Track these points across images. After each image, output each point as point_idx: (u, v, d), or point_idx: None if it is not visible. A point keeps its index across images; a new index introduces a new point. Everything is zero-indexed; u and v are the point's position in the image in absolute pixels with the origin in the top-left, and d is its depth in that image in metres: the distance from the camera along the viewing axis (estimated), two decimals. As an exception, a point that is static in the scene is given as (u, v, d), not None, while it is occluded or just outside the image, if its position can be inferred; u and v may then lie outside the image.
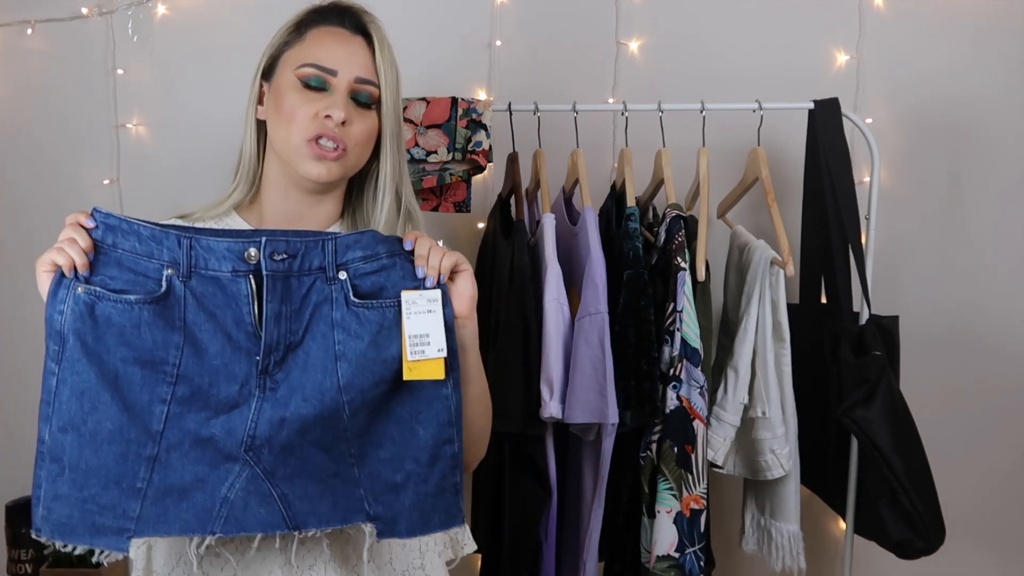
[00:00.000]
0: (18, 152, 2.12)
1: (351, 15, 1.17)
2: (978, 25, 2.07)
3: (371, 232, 1.03)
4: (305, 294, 1.00)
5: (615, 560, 1.82)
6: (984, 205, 2.13)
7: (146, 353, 0.97)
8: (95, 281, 0.98)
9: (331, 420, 0.99)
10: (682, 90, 1.94)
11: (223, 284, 0.99)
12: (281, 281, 0.99)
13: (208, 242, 0.99)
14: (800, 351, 1.77)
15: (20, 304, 2.16)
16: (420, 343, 1.00)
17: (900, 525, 1.68)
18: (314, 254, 1.00)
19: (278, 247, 0.99)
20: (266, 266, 0.99)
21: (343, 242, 1.01)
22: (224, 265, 0.99)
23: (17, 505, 2.14)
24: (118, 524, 0.96)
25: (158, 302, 0.97)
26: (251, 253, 0.98)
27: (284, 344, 0.99)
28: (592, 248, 1.65)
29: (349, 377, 0.99)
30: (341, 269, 1.01)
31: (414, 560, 1.20)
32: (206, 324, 0.98)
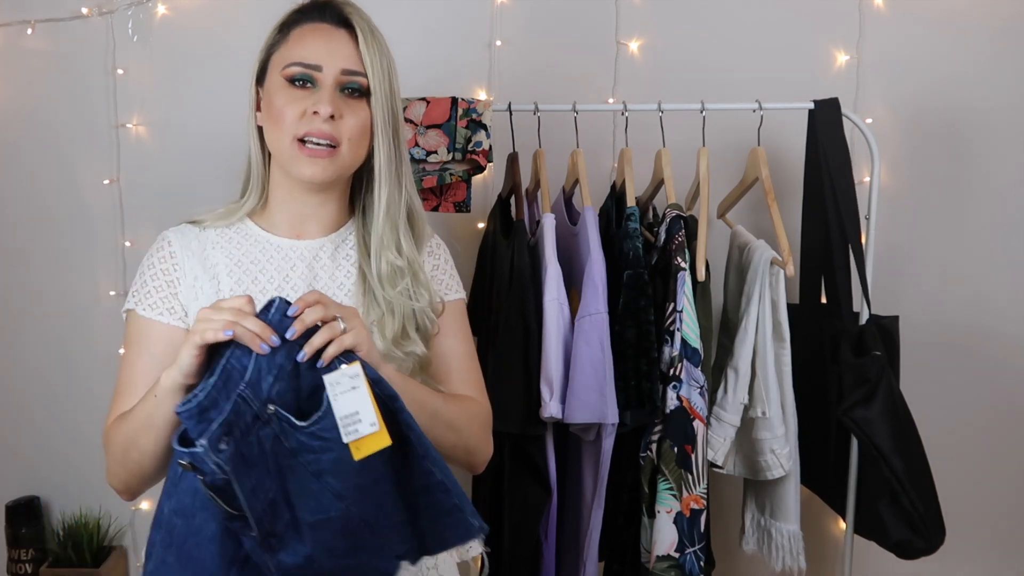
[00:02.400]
0: (18, 152, 2.11)
1: (331, 8, 1.16)
2: (978, 25, 2.07)
3: (255, 356, 0.96)
4: (259, 450, 0.94)
5: (615, 560, 1.82)
6: (984, 205, 2.13)
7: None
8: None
9: (346, 527, 0.99)
10: (682, 90, 1.93)
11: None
12: (238, 460, 0.92)
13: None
14: (800, 351, 1.77)
15: (20, 303, 2.16)
16: (352, 422, 0.96)
17: (900, 525, 1.68)
18: (243, 412, 0.93)
19: (215, 434, 0.90)
20: (222, 462, 0.91)
21: (254, 380, 0.94)
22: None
23: (17, 505, 2.15)
24: None
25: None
26: (184, 463, 0.92)
27: (268, 505, 0.95)
28: (592, 248, 1.65)
29: (342, 484, 0.97)
30: (268, 404, 0.95)
31: (427, 560, 1.22)
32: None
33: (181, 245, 1.19)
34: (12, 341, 2.17)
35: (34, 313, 2.16)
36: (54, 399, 2.18)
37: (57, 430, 2.19)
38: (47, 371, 2.18)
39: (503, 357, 1.66)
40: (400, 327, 1.17)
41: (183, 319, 1.16)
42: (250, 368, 0.95)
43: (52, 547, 2.17)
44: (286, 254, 1.20)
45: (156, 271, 1.17)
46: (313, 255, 1.20)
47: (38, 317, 2.16)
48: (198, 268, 1.17)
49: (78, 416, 2.17)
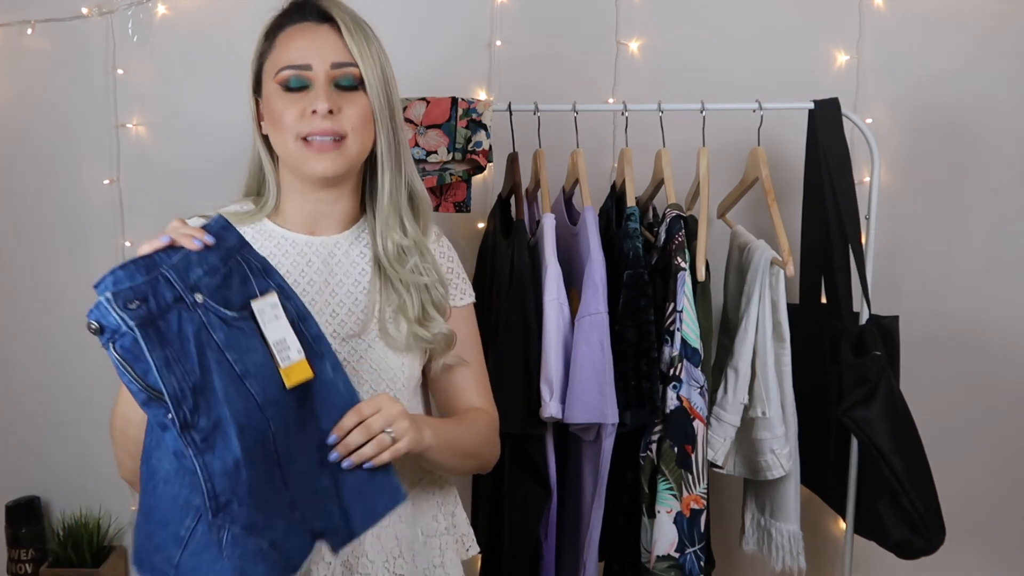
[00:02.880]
0: (18, 152, 2.12)
1: (311, 6, 1.16)
2: (978, 25, 2.07)
3: (191, 252, 0.95)
4: (178, 330, 0.92)
5: (615, 560, 1.82)
6: (984, 205, 2.13)
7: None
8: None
9: (264, 445, 0.95)
10: (682, 90, 1.93)
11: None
12: (150, 326, 0.91)
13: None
14: (800, 351, 1.77)
15: (20, 304, 2.16)
16: (283, 349, 0.97)
17: (900, 525, 1.68)
18: (162, 287, 0.92)
19: (126, 296, 0.90)
20: (129, 318, 0.89)
21: (180, 266, 0.94)
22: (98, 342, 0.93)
23: (17, 505, 2.15)
24: (163, 569, 0.95)
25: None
26: (90, 324, 0.90)
27: (188, 388, 0.92)
28: (592, 248, 1.65)
29: (262, 394, 0.95)
30: (195, 291, 0.94)
31: (435, 558, 1.24)
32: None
33: None
34: (12, 341, 2.17)
35: (33, 313, 2.16)
36: (54, 399, 2.18)
37: (57, 430, 2.19)
38: (47, 371, 2.18)
39: (503, 357, 1.66)
40: (420, 307, 1.19)
41: None
42: (177, 256, 0.94)
43: (52, 547, 2.17)
44: (302, 249, 1.21)
45: None
46: (328, 251, 1.22)
47: (37, 317, 2.16)
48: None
49: (78, 416, 2.18)
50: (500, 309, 1.72)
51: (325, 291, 1.20)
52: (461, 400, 1.26)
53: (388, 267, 1.19)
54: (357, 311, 1.20)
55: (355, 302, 1.20)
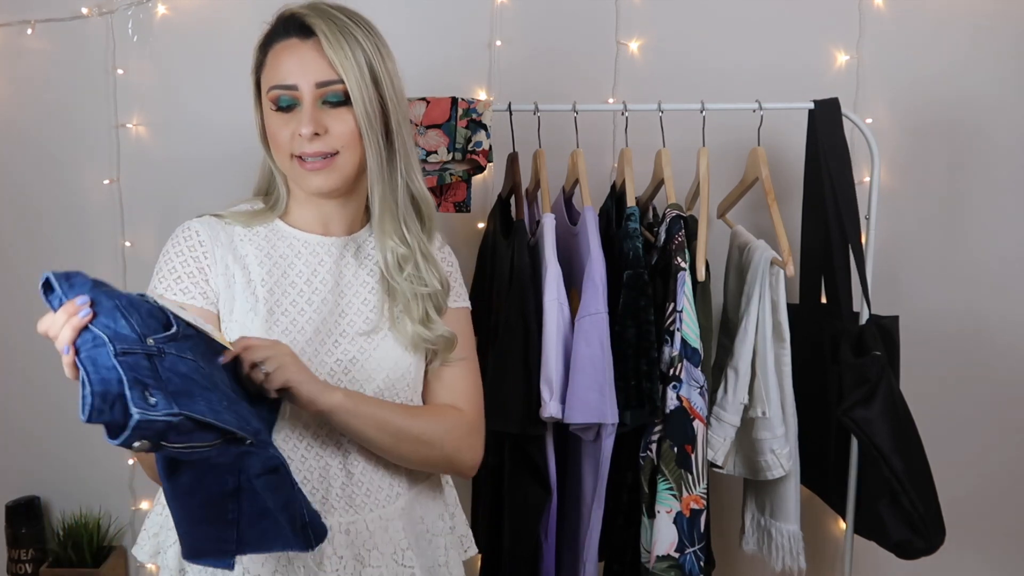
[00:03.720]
0: (18, 152, 2.12)
1: (293, 20, 1.15)
2: (978, 25, 2.07)
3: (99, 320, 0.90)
4: (182, 377, 0.90)
5: (615, 560, 1.82)
6: (984, 205, 2.13)
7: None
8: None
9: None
10: (682, 90, 1.93)
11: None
12: (171, 398, 0.87)
13: None
14: (800, 351, 1.77)
15: (22, 304, 2.16)
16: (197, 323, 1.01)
17: (900, 525, 1.68)
18: (136, 363, 0.88)
19: (134, 400, 0.86)
20: (161, 408, 0.86)
21: (113, 341, 0.88)
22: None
23: (17, 505, 2.15)
24: (225, 550, 1.03)
25: None
26: (138, 447, 0.87)
27: (234, 411, 0.94)
28: (592, 248, 1.64)
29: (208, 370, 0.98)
30: (144, 338, 0.90)
31: (440, 557, 1.26)
32: None
33: (209, 235, 1.19)
34: (12, 341, 2.17)
35: (33, 313, 2.15)
36: (54, 399, 2.18)
37: (57, 430, 2.19)
38: (47, 371, 2.17)
39: (503, 357, 1.66)
40: (423, 311, 1.21)
41: (215, 304, 1.16)
42: (96, 332, 0.88)
43: (52, 547, 2.17)
44: (314, 249, 1.22)
45: (185, 257, 1.17)
46: (339, 252, 1.23)
47: (37, 317, 2.15)
48: (228, 257, 1.18)
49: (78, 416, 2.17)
50: (500, 309, 1.72)
51: (336, 290, 1.20)
52: (437, 398, 1.26)
53: (389, 277, 1.21)
54: (367, 310, 1.21)
55: (364, 301, 1.21)
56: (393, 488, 1.21)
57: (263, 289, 1.16)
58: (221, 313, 1.16)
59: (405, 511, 1.21)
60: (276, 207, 1.23)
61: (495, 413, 1.64)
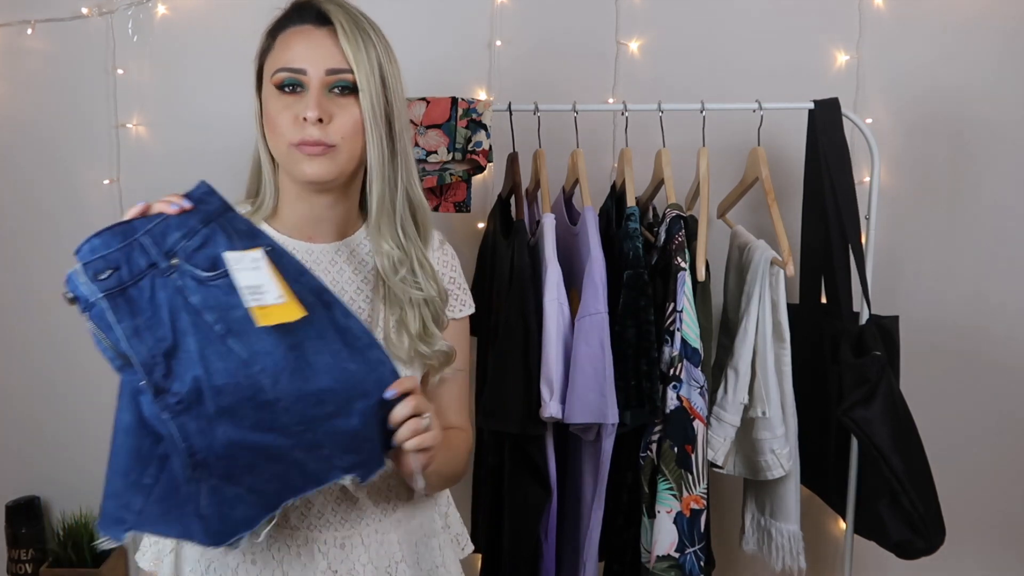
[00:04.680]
0: (18, 152, 2.12)
1: (310, 8, 1.14)
2: (978, 25, 2.07)
3: (172, 217, 0.97)
4: (150, 297, 0.94)
5: (615, 560, 1.82)
6: (984, 204, 2.13)
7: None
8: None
9: (256, 398, 0.94)
10: (682, 90, 1.94)
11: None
12: (120, 296, 0.93)
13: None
14: (800, 351, 1.77)
15: (21, 304, 2.16)
16: (255, 292, 0.96)
17: (900, 525, 1.68)
18: (136, 255, 0.94)
19: (97, 267, 0.93)
20: (98, 289, 0.93)
21: (157, 231, 0.95)
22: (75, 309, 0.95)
23: (17, 505, 2.15)
24: (120, 515, 0.94)
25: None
26: (66, 294, 0.94)
27: (160, 354, 0.93)
28: (592, 248, 1.65)
29: (248, 348, 0.94)
30: (171, 256, 0.95)
31: (436, 558, 1.24)
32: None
33: None
34: (12, 341, 2.17)
35: (33, 313, 2.16)
36: (55, 399, 2.18)
37: (57, 430, 2.19)
38: (47, 371, 2.18)
39: (503, 357, 1.66)
40: (420, 323, 1.17)
41: None
42: (155, 221, 0.95)
43: (52, 547, 2.17)
44: (301, 257, 1.18)
45: None
46: (329, 259, 1.19)
47: (37, 317, 2.16)
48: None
49: (79, 416, 2.18)
50: (500, 309, 1.72)
51: None
52: (443, 419, 1.22)
53: (385, 278, 1.17)
54: (361, 318, 1.18)
55: (358, 310, 1.17)
56: (391, 501, 1.19)
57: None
58: None
59: (401, 522, 1.20)
60: (262, 209, 1.20)
61: (495, 413, 1.65)
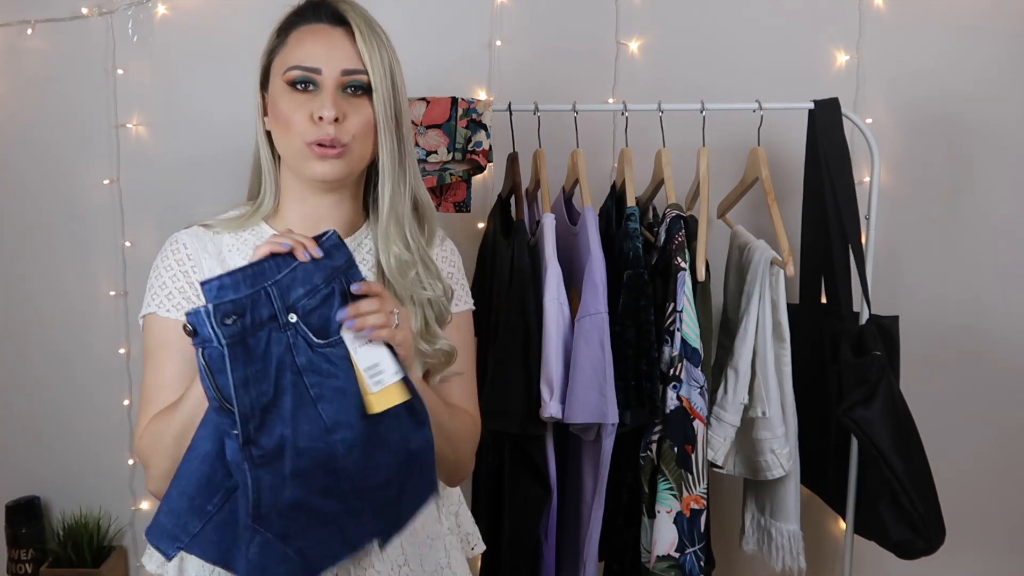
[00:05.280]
0: (18, 152, 2.12)
1: (326, 7, 1.14)
2: (978, 25, 2.07)
3: (299, 264, 0.98)
4: (264, 350, 0.95)
5: (615, 560, 1.82)
6: (984, 205, 2.13)
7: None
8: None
9: (329, 464, 0.97)
10: (682, 90, 1.94)
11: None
12: (239, 345, 0.94)
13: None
14: (800, 351, 1.77)
15: (21, 303, 2.16)
16: (375, 373, 0.98)
17: (900, 525, 1.68)
18: (261, 305, 0.95)
19: (225, 309, 0.93)
20: (223, 335, 0.92)
21: (284, 283, 0.97)
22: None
23: (17, 505, 2.15)
24: (175, 533, 0.98)
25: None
26: (186, 327, 0.93)
27: (259, 407, 0.94)
28: (592, 248, 1.65)
29: (334, 417, 0.97)
30: (290, 312, 0.97)
31: (441, 559, 1.23)
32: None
33: (196, 247, 1.17)
34: (12, 341, 2.17)
35: (33, 313, 2.16)
36: (54, 399, 2.18)
37: (57, 430, 2.19)
38: (47, 371, 2.18)
39: (503, 357, 1.66)
40: (422, 322, 1.18)
41: None
42: (284, 272, 0.97)
43: (52, 547, 2.17)
44: None
45: (175, 272, 1.16)
46: None
47: (37, 317, 2.16)
48: (218, 269, 1.16)
49: (78, 416, 2.18)
50: (500, 309, 1.72)
51: None
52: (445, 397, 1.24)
53: (391, 279, 1.18)
54: None
55: None
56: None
57: None
58: None
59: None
60: (262, 208, 1.20)
61: (495, 413, 1.65)
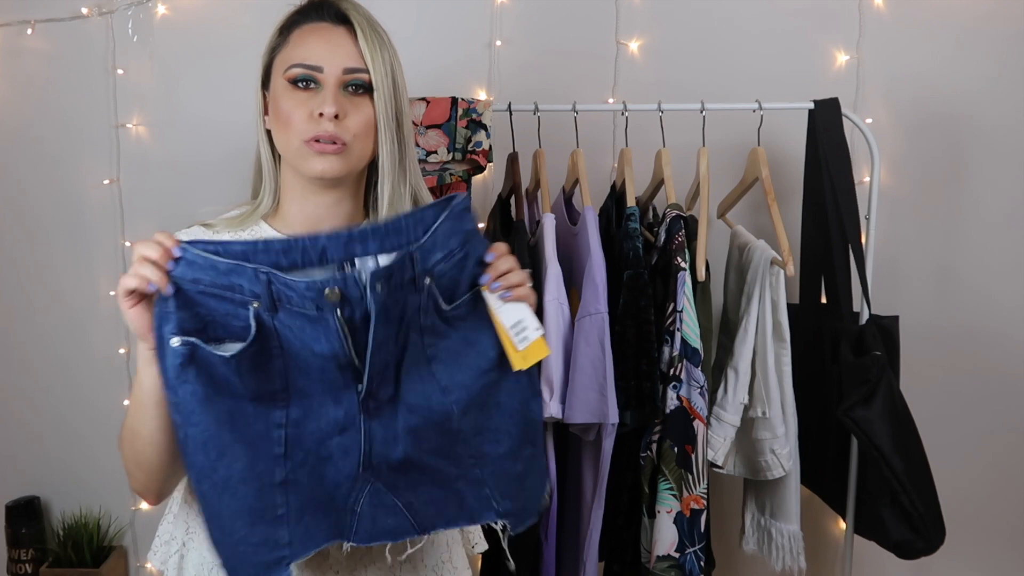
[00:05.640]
0: (18, 152, 2.12)
1: (328, 6, 1.15)
2: (978, 25, 2.07)
3: (443, 225, 0.98)
4: (402, 312, 0.96)
5: (615, 560, 1.82)
6: (983, 204, 2.13)
7: (253, 390, 0.95)
8: (187, 328, 0.94)
9: (443, 424, 0.98)
10: (682, 90, 1.94)
11: (311, 319, 0.94)
12: (383, 310, 0.94)
13: (286, 280, 0.93)
14: (800, 351, 1.77)
15: (21, 304, 2.16)
16: (520, 330, 0.99)
17: (900, 525, 1.68)
18: (406, 267, 0.96)
19: (379, 275, 0.93)
20: (373, 300, 0.93)
21: (424, 251, 0.97)
22: (307, 304, 0.94)
23: (17, 505, 2.15)
24: (275, 555, 0.95)
25: (252, 345, 0.94)
26: (332, 292, 0.92)
27: (388, 364, 0.96)
28: (592, 248, 1.65)
29: (448, 378, 0.98)
30: (427, 276, 0.97)
31: (443, 554, 1.24)
32: (303, 351, 0.96)
33: None
34: (11, 341, 2.17)
35: (33, 313, 2.16)
36: (54, 399, 2.18)
37: (57, 430, 2.20)
38: (47, 371, 2.18)
39: (503, 357, 1.66)
40: None
41: None
42: (426, 235, 0.96)
43: (52, 547, 2.17)
44: None
45: None
46: None
47: (37, 317, 2.16)
48: None
49: (78, 416, 2.18)
50: (500, 309, 1.72)
51: None
52: None
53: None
54: None
55: None
56: None
57: None
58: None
59: None
60: (261, 207, 1.20)
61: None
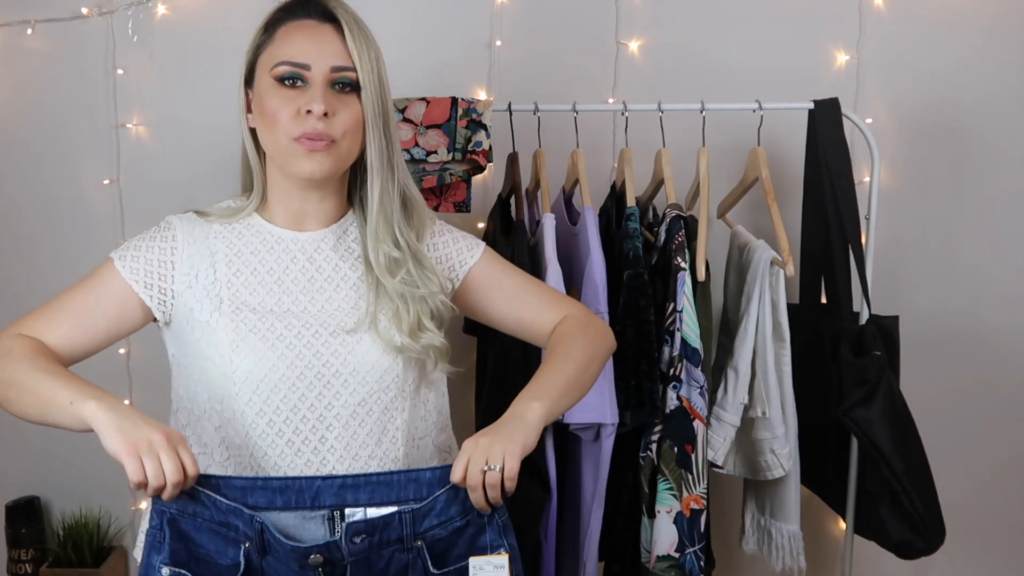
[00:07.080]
0: (18, 152, 2.11)
1: (315, 4, 1.15)
2: (979, 25, 2.07)
3: (442, 494, 1.02)
4: (384, 568, 1.00)
5: (615, 560, 1.82)
6: (984, 205, 2.13)
7: None
8: (178, 560, 0.98)
9: None
10: (682, 90, 1.93)
11: (296, 572, 0.98)
12: (362, 561, 0.99)
13: (276, 536, 0.97)
14: (800, 351, 1.77)
15: (20, 304, 2.15)
16: None
17: (900, 525, 1.68)
18: (392, 528, 1.00)
19: (359, 528, 0.98)
20: (348, 551, 0.98)
21: (420, 513, 1.01)
22: (291, 563, 0.98)
23: (17, 505, 2.15)
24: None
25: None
26: (316, 558, 0.97)
27: None
28: (592, 248, 1.65)
29: None
30: (418, 538, 1.01)
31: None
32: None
33: (185, 232, 1.19)
34: (12, 341, 2.17)
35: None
36: (54, 399, 2.18)
37: (57, 430, 2.18)
38: (47, 371, 2.17)
39: (503, 357, 1.66)
40: (415, 318, 1.18)
41: (158, 299, 1.17)
42: (427, 501, 1.01)
43: (52, 547, 2.17)
44: (287, 245, 1.20)
45: (153, 250, 1.18)
46: (315, 247, 1.21)
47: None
48: (197, 258, 1.18)
49: (78, 416, 2.17)
50: (500, 309, 1.72)
51: (311, 288, 1.19)
52: (538, 329, 1.25)
53: (380, 277, 1.18)
54: (347, 307, 1.19)
55: (344, 298, 1.19)
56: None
57: (228, 290, 1.16)
58: (172, 314, 1.17)
59: None
60: (254, 201, 1.22)
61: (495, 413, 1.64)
